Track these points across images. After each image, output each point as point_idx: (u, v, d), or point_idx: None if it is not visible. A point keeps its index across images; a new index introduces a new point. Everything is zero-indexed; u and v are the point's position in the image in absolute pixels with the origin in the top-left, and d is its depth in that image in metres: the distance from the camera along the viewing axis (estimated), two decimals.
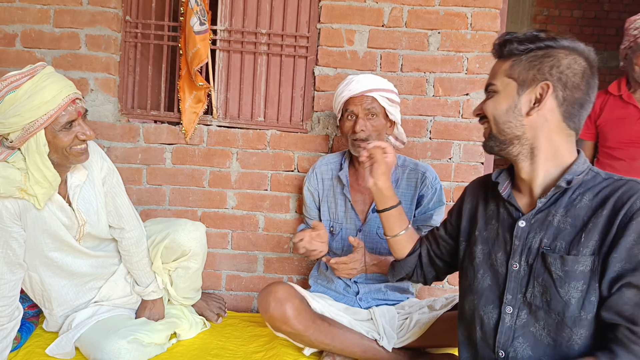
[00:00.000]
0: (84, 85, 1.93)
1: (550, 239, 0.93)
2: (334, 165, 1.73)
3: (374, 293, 1.62)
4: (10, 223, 1.28)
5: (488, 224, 1.06)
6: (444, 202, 1.62)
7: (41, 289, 1.45)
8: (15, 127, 1.20)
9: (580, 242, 0.89)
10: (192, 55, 1.86)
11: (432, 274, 1.28)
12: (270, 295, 1.42)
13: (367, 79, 1.57)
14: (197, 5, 1.82)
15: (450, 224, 1.22)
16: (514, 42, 0.95)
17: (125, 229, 1.53)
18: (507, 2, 1.95)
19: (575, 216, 0.91)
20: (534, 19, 5.30)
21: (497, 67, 1.00)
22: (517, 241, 0.97)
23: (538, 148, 0.96)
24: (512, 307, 0.97)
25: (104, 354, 1.35)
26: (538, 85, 0.93)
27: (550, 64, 0.92)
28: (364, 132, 1.53)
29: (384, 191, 1.26)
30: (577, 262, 0.88)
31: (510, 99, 0.96)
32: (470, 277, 1.07)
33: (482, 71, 1.92)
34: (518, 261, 0.97)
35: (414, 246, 1.29)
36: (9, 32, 1.92)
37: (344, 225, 1.65)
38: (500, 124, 0.97)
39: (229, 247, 2.03)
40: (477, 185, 1.17)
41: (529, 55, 0.94)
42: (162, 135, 1.97)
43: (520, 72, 0.95)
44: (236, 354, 1.55)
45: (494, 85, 0.99)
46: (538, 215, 0.96)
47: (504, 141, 0.98)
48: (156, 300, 1.62)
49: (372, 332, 1.47)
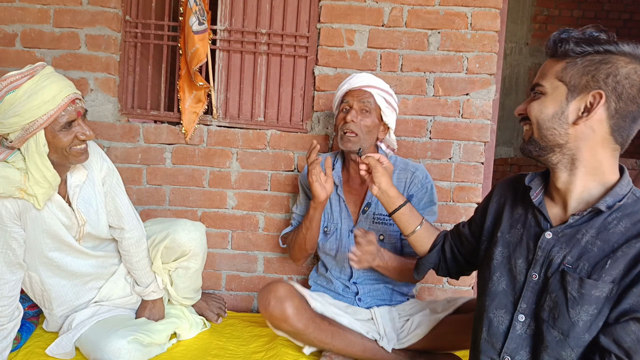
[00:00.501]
0: (84, 85, 1.93)
1: (574, 258, 0.89)
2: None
3: (373, 293, 1.62)
4: (10, 223, 1.28)
5: (513, 227, 1.03)
6: (435, 202, 1.61)
7: (41, 289, 1.45)
8: (14, 127, 1.20)
9: (604, 268, 0.84)
10: (191, 55, 1.86)
11: (455, 269, 1.27)
12: (270, 293, 1.41)
13: (368, 76, 1.58)
14: (196, 5, 1.82)
15: (475, 222, 1.19)
16: (571, 42, 0.88)
17: (125, 229, 1.53)
18: (507, 2, 1.95)
19: (606, 240, 0.87)
20: (534, 19, 5.31)
21: (547, 66, 0.93)
22: (540, 252, 0.94)
23: (579, 160, 0.90)
24: (525, 316, 0.95)
25: (104, 354, 1.35)
26: (590, 93, 0.86)
27: (607, 72, 0.85)
28: (354, 124, 1.52)
29: (389, 192, 1.25)
30: (595, 287, 0.84)
31: (558, 103, 0.90)
32: (485, 278, 1.05)
33: (482, 71, 1.92)
34: (538, 272, 0.94)
35: (434, 241, 1.27)
36: (9, 32, 1.92)
37: (338, 226, 1.64)
38: (543, 129, 0.92)
39: (229, 247, 2.03)
40: (507, 185, 1.12)
41: (585, 59, 0.87)
42: (162, 135, 1.97)
43: (572, 77, 0.88)
44: (236, 354, 1.55)
45: (542, 86, 0.92)
46: (567, 230, 0.92)
47: (544, 147, 0.93)
48: (156, 300, 1.62)
49: (372, 333, 1.46)
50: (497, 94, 1.96)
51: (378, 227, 1.58)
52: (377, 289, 1.62)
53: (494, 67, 1.93)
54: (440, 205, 1.96)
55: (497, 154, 5.29)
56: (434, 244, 1.27)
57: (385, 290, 1.62)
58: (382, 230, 1.58)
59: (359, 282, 1.62)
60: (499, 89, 1.97)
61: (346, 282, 1.63)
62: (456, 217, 1.97)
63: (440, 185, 1.96)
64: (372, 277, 1.61)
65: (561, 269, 0.89)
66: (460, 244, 1.23)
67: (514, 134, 5.53)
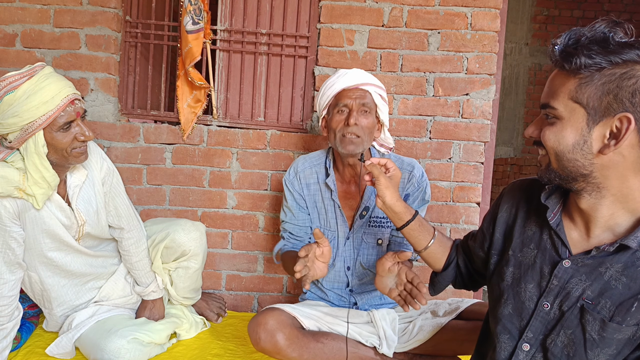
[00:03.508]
0: (84, 85, 1.94)
1: (595, 293, 0.80)
2: (319, 167, 1.56)
3: (372, 301, 1.55)
4: (10, 223, 1.28)
5: (525, 245, 0.92)
6: (428, 200, 1.53)
7: (41, 289, 1.45)
8: (13, 127, 1.20)
9: (630, 311, 0.76)
10: (185, 54, 1.87)
11: (472, 283, 1.17)
12: (259, 327, 1.34)
13: (361, 73, 1.46)
14: (191, 5, 1.83)
15: (482, 232, 1.07)
16: (582, 56, 0.72)
17: (125, 229, 1.53)
18: (507, 2, 1.95)
19: (634, 278, 0.77)
20: (534, 19, 5.31)
21: (557, 82, 0.78)
22: (556, 281, 0.84)
23: (607, 189, 0.79)
24: (530, 345, 0.87)
25: (104, 354, 1.35)
26: (615, 117, 0.73)
27: (632, 89, 0.71)
28: (357, 127, 1.39)
29: (394, 208, 1.11)
30: (618, 331, 0.76)
31: (578, 131, 0.76)
32: (494, 299, 0.96)
33: (482, 71, 1.92)
34: (551, 302, 0.85)
35: (449, 255, 1.15)
36: (9, 32, 1.92)
37: (336, 234, 1.53)
38: (563, 161, 0.79)
39: (229, 247, 2.03)
40: (517, 192, 0.98)
41: (602, 74, 0.72)
42: (162, 135, 1.97)
43: (590, 97, 0.73)
44: (236, 354, 1.55)
45: (555, 109, 0.78)
46: (588, 261, 0.81)
47: (565, 177, 0.81)
48: (156, 300, 1.62)
49: (372, 338, 1.41)
50: (497, 94, 1.96)
51: (375, 231, 1.51)
52: (375, 296, 1.55)
53: (494, 67, 1.93)
54: (440, 205, 1.97)
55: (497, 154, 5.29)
56: (448, 259, 1.14)
57: (382, 295, 1.55)
58: (380, 233, 1.51)
59: (356, 290, 1.55)
60: (499, 89, 1.97)
61: (342, 292, 1.56)
62: (456, 217, 1.97)
63: (440, 185, 1.96)
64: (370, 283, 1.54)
65: (580, 304, 0.81)
66: (472, 260, 1.12)
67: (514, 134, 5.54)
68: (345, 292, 1.56)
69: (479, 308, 1.42)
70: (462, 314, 1.42)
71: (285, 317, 1.38)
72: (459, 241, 1.19)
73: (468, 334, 1.33)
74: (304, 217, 1.57)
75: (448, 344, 1.37)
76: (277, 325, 1.34)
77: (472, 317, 1.39)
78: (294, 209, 1.56)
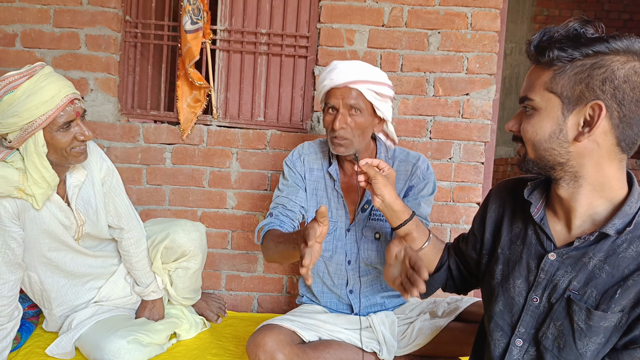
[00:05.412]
0: (84, 85, 1.93)
1: (580, 283, 0.82)
2: (323, 154, 1.53)
3: (372, 308, 1.53)
4: (9, 223, 1.28)
5: (512, 243, 0.94)
6: (434, 191, 1.48)
7: (40, 289, 1.45)
8: (13, 127, 1.20)
9: (614, 298, 0.78)
10: (184, 54, 1.87)
11: (463, 286, 1.17)
12: (258, 349, 1.29)
13: (352, 67, 1.34)
14: (190, 4, 1.83)
15: (473, 234, 1.09)
16: (554, 49, 0.76)
17: (124, 229, 1.53)
18: (507, 2, 1.95)
19: (616, 266, 0.79)
20: (534, 19, 5.31)
21: (534, 76, 0.82)
22: (542, 274, 0.86)
23: (584, 177, 0.81)
24: (523, 340, 0.89)
25: (104, 354, 1.35)
26: (587, 104, 0.76)
27: (602, 78, 0.74)
28: (344, 130, 1.34)
29: (392, 206, 1.11)
30: (604, 319, 0.79)
31: (554, 120, 0.79)
32: (486, 297, 0.99)
33: (482, 71, 1.92)
34: (539, 296, 0.87)
35: (441, 257, 1.16)
36: (9, 32, 1.92)
37: (337, 225, 1.49)
38: (540, 150, 0.82)
39: (229, 247, 2.03)
40: (503, 192, 1.01)
41: (574, 65, 0.76)
42: (162, 135, 1.97)
43: (564, 87, 0.77)
44: (236, 354, 1.55)
45: (532, 100, 0.81)
46: (572, 253, 0.84)
47: (543, 167, 0.84)
48: (156, 300, 1.62)
49: (371, 344, 1.39)
50: (497, 94, 1.96)
51: (374, 224, 1.47)
52: (374, 303, 1.52)
53: (494, 67, 1.93)
54: (441, 205, 1.97)
55: (497, 154, 5.29)
56: (440, 262, 1.15)
57: (383, 300, 1.53)
58: (379, 227, 1.47)
59: (354, 295, 1.50)
60: (499, 89, 1.97)
61: (341, 292, 1.51)
62: (456, 217, 1.97)
63: (441, 185, 1.96)
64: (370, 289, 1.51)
65: (567, 295, 0.83)
66: (464, 262, 1.13)
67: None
68: (345, 292, 1.52)
69: (478, 310, 1.41)
70: (461, 315, 1.41)
71: (283, 336, 1.33)
72: (450, 244, 1.20)
73: (468, 336, 1.31)
74: (302, 196, 1.50)
75: (447, 345, 1.37)
76: (276, 346, 1.29)
77: (472, 319, 1.39)
78: (292, 186, 1.50)
